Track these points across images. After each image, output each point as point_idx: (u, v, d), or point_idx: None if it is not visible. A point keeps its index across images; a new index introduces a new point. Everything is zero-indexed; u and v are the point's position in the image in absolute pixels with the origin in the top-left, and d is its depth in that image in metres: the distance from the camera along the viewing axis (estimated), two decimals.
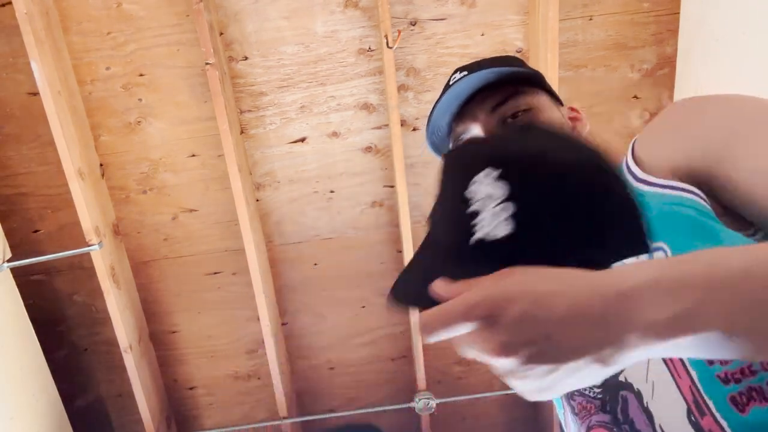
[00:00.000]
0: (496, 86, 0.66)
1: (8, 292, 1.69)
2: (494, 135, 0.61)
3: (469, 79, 0.64)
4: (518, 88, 0.67)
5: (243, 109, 1.80)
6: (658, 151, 0.55)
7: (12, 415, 1.61)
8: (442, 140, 0.73)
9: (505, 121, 0.66)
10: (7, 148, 1.80)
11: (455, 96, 0.66)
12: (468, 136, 0.68)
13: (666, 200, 0.52)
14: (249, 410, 2.16)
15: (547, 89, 0.71)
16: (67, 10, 1.67)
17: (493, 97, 0.66)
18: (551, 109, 0.69)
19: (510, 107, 0.66)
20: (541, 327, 0.35)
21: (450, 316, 0.38)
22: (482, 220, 0.41)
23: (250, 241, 1.77)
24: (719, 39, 1.45)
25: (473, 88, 0.66)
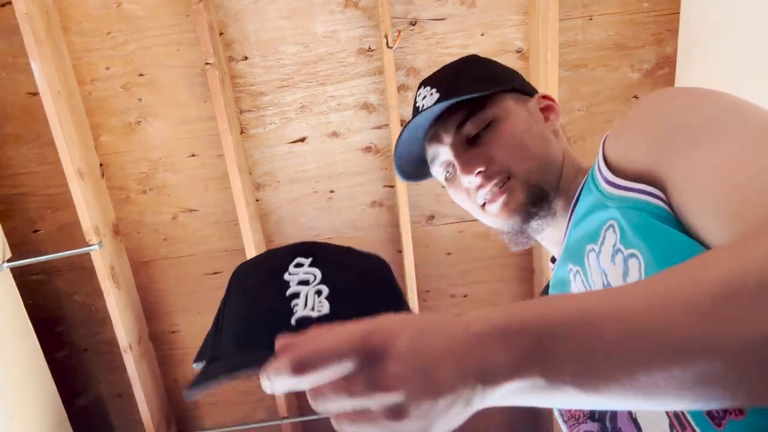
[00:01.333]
0: (459, 102, 0.67)
1: (8, 292, 1.69)
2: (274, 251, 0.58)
3: (429, 113, 0.66)
4: (480, 102, 0.67)
5: (243, 108, 1.80)
6: (623, 150, 0.54)
7: (12, 415, 1.61)
8: (417, 165, 0.76)
9: (471, 140, 0.67)
10: (7, 148, 1.80)
11: (417, 127, 0.69)
12: (441, 160, 0.70)
13: (628, 204, 0.51)
14: (249, 410, 2.16)
15: (514, 86, 0.71)
16: (67, 10, 1.67)
17: (456, 115, 0.67)
18: (515, 114, 0.68)
19: (472, 125, 0.67)
20: (429, 357, 0.34)
21: (328, 351, 0.34)
22: (302, 300, 0.47)
23: (250, 241, 1.77)
24: (719, 39, 1.45)
25: (434, 117, 0.68)
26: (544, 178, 0.65)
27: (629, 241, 0.50)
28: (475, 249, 1.95)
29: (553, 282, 0.71)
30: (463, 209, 0.74)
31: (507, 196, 0.64)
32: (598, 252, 0.55)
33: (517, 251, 1.98)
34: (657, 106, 0.53)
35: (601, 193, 0.56)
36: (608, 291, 0.38)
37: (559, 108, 0.73)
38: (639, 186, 0.51)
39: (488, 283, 2.01)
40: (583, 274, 0.58)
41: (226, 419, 2.16)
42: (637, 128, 0.53)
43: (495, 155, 0.65)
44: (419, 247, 1.89)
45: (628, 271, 0.50)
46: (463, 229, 1.94)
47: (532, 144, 0.66)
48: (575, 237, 0.61)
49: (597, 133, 1.85)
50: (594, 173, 0.59)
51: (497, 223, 0.69)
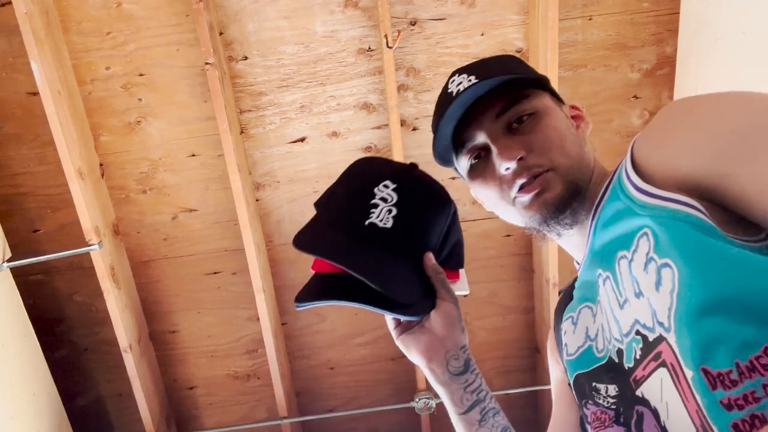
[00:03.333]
0: (498, 91, 0.66)
1: (8, 292, 1.69)
2: (389, 161, 0.72)
3: (474, 89, 0.63)
4: (522, 92, 0.66)
5: (243, 108, 1.80)
6: (658, 157, 0.53)
7: (12, 415, 1.61)
8: (446, 149, 0.72)
9: (510, 126, 0.65)
10: (7, 148, 1.80)
11: (459, 105, 0.65)
12: (471, 145, 0.68)
13: (664, 214, 0.50)
14: (249, 410, 2.16)
15: (549, 90, 0.70)
16: (67, 9, 1.67)
17: (498, 102, 0.65)
18: (555, 112, 0.67)
19: (515, 113, 0.65)
20: None
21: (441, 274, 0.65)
22: (378, 211, 0.63)
23: (249, 241, 1.77)
24: (719, 39, 1.45)
25: (476, 97, 0.66)
26: (580, 177, 0.64)
27: (664, 251, 0.49)
28: (475, 249, 1.95)
29: (578, 283, 0.70)
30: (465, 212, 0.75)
31: (544, 186, 0.62)
32: (630, 259, 0.54)
33: (517, 251, 1.98)
34: (696, 113, 0.52)
35: (631, 200, 0.55)
36: None
37: (588, 119, 0.73)
38: (677, 197, 0.50)
39: (488, 283, 2.01)
40: (614, 281, 0.57)
41: (226, 419, 2.16)
42: (675, 136, 0.52)
43: (537, 146, 0.63)
44: None
45: (661, 281, 0.49)
46: (463, 229, 1.92)
47: (571, 143, 0.65)
48: (602, 241, 0.61)
49: (597, 133, 1.85)
50: (621, 179, 0.58)
51: (525, 217, 0.66)
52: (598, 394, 0.61)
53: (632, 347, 0.54)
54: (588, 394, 0.63)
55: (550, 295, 1.85)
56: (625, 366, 0.56)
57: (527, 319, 2.08)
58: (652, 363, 0.51)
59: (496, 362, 2.13)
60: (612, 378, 0.59)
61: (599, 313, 0.62)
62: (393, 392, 2.15)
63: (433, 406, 2.01)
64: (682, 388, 0.47)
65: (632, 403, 0.55)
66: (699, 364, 0.45)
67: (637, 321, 0.53)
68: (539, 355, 2.08)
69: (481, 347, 2.10)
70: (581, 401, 0.65)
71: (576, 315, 0.68)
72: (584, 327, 0.66)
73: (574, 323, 0.68)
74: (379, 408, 2.09)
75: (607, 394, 0.59)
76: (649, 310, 0.51)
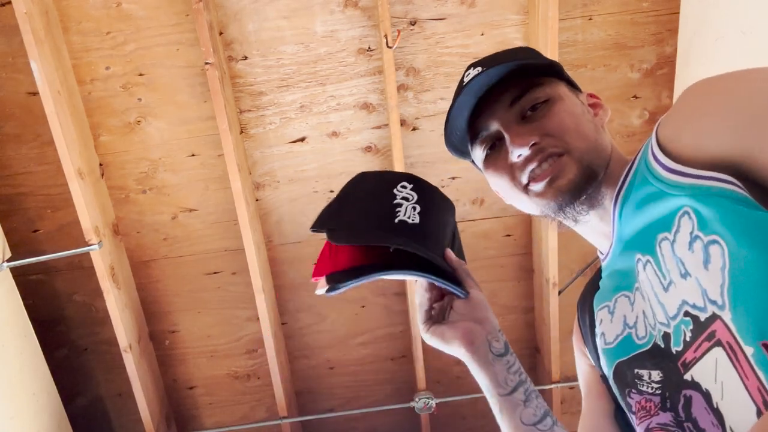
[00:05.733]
0: (512, 80, 0.65)
1: (8, 292, 1.69)
2: (394, 172, 0.77)
3: (484, 76, 0.63)
4: (535, 80, 0.65)
5: (242, 108, 1.80)
6: (687, 137, 0.53)
7: (12, 415, 1.61)
8: (461, 140, 0.72)
9: (524, 114, 0.65)
10: (7, 148, 1.80)
11: (471, 94, 0.65)
12: (486, 134, 0.67)
13: (703, 191, 0.50)
14: (249, 410, 2.16)
15: (565, 78, 0.69)
16: (67, 9, 1.67)
17: (511, 91, 0.65)
18: (570, 98, 0.66)
19: (528, 100, 0.64)
20: None
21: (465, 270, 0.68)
22: (403, 209, 0.68)
23: (249, 241, 1.77)
24: (719, 39, 1.45)
25: (488, 84, 0.65)
26: (596, 162, 0.63)
27: (709, 228, 0.48)
28: (475, 249, 1.95)
29: (607, 273, 0.69)
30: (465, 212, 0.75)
31: (558, 172, 0.61)
32: (673, 240, 0.53)
33: (517, 251, 1.98)
34: (720, 91, 0.52)
35: (662, 182, 0.54)
36: None
37: (606, 106, 0.72)
38: (711, 174, 0.49)
39: (488, 282, 2.01)
40: (655, 264, 0.56)
41: (226, 419, 2.16)
42: (702, 115, 0.52)
43: (551, 130, 0.62)
44: None
45: (710, 258, 0.48)
46: (463, 229, 1.94)
47: (587, 127, 0.64)
48: (634, 227, 0.60)
49: None
50: (648, 162, 0.57)
51: (537, 205, 0.65)
52: (641, 381, 0.59)
53: (681, 329, 0.53)
54: (630, 382, 0.61)
55: (550, 295, 1.85)
56: (673, 350, 0.55)
57: (527, 319, 2.08)
58: (705, 343, 0.50)
59: None
60: (655, 363, 0.58)
61: (638, 300, 0.61)
62: (393, 392, 2.15)
63: (433, 406, 2.01)
64: (741, 365, 0.46)
65: (680, 387, 0.54)
66: (759, 339, 0.44)
67: (686, 302, 0.52)
68: (539, 355, 2.08)
69: None
70: (623, 390, 0.63)
71: (612, 304, 0.67)
72: (622, 315, 0.64)
73: (610, 312, 0.67)
74: (379, 408, 2.09)
75: (651, 380, 0.58)
76: (699, 290, 0.49)
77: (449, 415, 2.17)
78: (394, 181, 0.70)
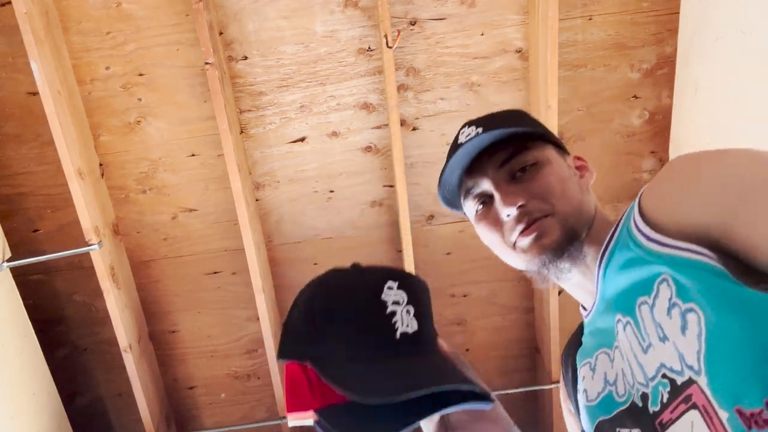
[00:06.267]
0: (503, 142, 0.70)
1: (8, 292, 1.69)
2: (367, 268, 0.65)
3: (477, 141, 0.68)
4: (525, 144, 0.70)
5: (242, 108, 1.80)
6: (667, 208, 0.56)
7: (12, 415, 1.61)
8: (453, 194, 0.76)
9: (514, 175, 0.69)
10: (7, 148, 1.80)
11: (466, 154, 0.70)
12: (477, 191, 0.72)
13: (679, 261, 0.52)
14: (249, 410, 2.16)
15: (553, 141, 0.74)
16: (67, 9, 1.67)
17: (501, 153, 0.70)
18: (557, 162, 0.71)
19: (517, 163, 0.69)
20: None
21: None
22: (399, 317, 0.58)
23: (249, 241, 1.77)
24: (719, 39, 1.45)
25: (481, 147, 0.70)
26: (579, 223, 0.67)
27: (687, 296, 0.51)
28: (474, 249, 1.95)
29: (589, 330, 0.71)
30: None
31: (542, 231, 0.66)
32: (652, 305, 0.56)
33: None
34: (702, 167, 0.55)
35: (642, 249, 0.57)
36: None
37: (592, 169, 0.76)
38: (688, 245, 0.52)
39: (488, 282, 2.01)
40: (635, 325, 0.58)
41: (226, 419, 2.16)
42: (683, 188, 0.55)
43: (537, 193, 0.67)
44: (419, 247, 1.89)
45: (687, 325, 0.51)
46: (462, 229, 1.94)
47: (571, 191, 0.69)
48: (616, 288, 0.63)
49: (597, 133, 1.85)
50: (629, 228, 0.60)
51: (525, 260, 0.70)
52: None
53: (658, 390, 0.55)
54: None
55: (550, 295, 1.85)
56: (650, 410, 0.56)
57: (527, 319, 2.08)
58: (682, 405, 0.52)
59: (496, 362, 2.13)
60: (634, 422, 0.59)
61: (617, 359, 0.63)
62: None
63: None
64: (716, 429, 0.48)
65: None
66: (733, 405, 0.46)
67: (663, 365, 0.54)
68: (539, 354, 2.08)
69: (481, 347, 2.10)
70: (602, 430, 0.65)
71: (593, 360, 0.69)
72: (602, 372, 0.67)
73: (592, 369, 0.69)
74: None
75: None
76: (676, 354, 0.52)
77: None
78: (378, 282, 0.60)
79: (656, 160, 1.88)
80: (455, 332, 2.08)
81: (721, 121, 1.49)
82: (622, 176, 1.90)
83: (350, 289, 0.61)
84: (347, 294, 0.61)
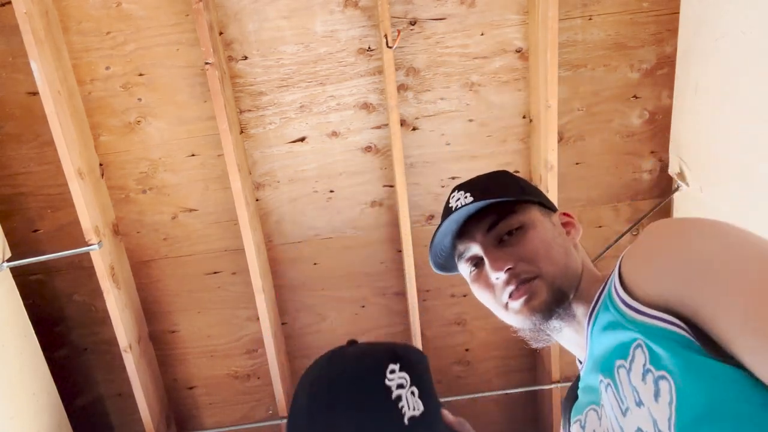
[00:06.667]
0: (490, 208, 0.74)
1: (8, 292, 1.69)
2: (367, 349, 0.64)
3: (466, 209, 0.73)
4: (511, 208, 0.74)
5: (242, 108, 1.80)
6: (641, 279, 0.58)
7: (12, 415, 1.61)
8: (446, 259, 0.82)
9: (501, 239, 0.73)
10: (7, 148, 1.80)
11: (454, 221, 0.75)
12: (469, 255, 0.76)
13: (651, 330, 0.54)
14: (249, 410, 2.16)
15: (539, 202, 0.78)
16: (67, 9, 1.67)
17: (488, 218, 0.74)
18: (542, 223, 0.74)
19: (503, 227, 0.73)
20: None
21: None
22: (405, 402, 0.57)
23: (249, 241, 1.77)
24: (719, 39, 1.45)
25: (469, 214, 0.75)
26: (566, 283, 0.70)
27: (660, 364, 0.53)
28: None
29: (582, 385, 0.74)
30: None
31: (531, 294, 0.69)
32: (629, 369, 0.58)
33: None
34: (678, 239, 0.57)
35: (620, 314, 0.59)
36: None
37: (578, 225, 0.80)
38: (662, 315, 0.54)
39: None
40: (615, 388, 0.61)
41: (226, 419, 2.16)
42: (657, 260, 0.57)
43: (524, 256, 0.70)
44: (419, 247, 1.89)
45: (659, 392, 0.53)
46: None
47: (557, 252, 0.72)
48: (600, 349, 0.65)
49: (597, 133, 1.85)
50: (611, 292, 0.63)
51: (518, 321, 0.73)
52: None
53: None
54: None
55: None
56: None
57: None
58: None
59: (496, 362, 2.13)
60: None
61: (604, 417, 0.65)
62: None
63: None
64: None
65: None
66: None
67: (640, 429, 0.56)
68: (539, 354, 2.08)
69: (481, 347, 2.10)
70: None
71: (583, 418, 0.71)
72: (592, 430, 0.69)
73: (582, 427, 0.71)
74: None
75: None
76: (650, 419, 0.54)
77: None
78: (379, 367, 0.58)
79: (656, 160, 1.88)
80: (455, 332, 2.08)
81: (720, 121, 1.49)
82: (622, 176, 1.90)
83: (353, 378, 0.59)
84: (350, 383, 0.59)
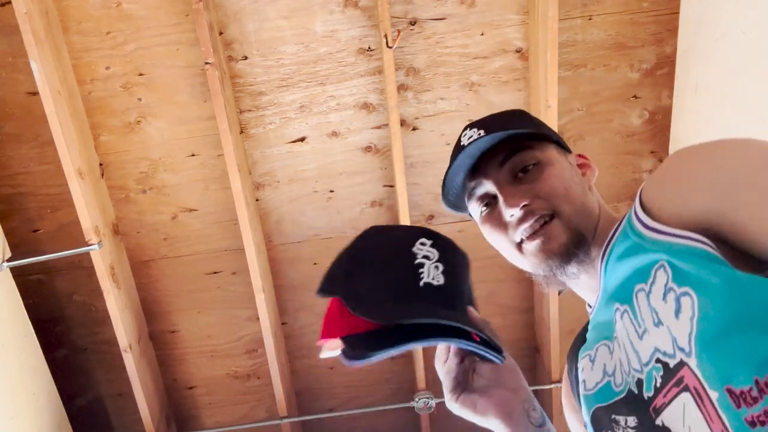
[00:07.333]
0: (506, 142, 0.70)
1: (8, 292, 1.69)
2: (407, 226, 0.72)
3: (480, 143, 0.68)
4: (525, 144, 0.70)
5: (242, 108, 1.80)
6: (666, 199, 0.57)
7: (12, 415, 1.61)
8: (457, 197, 0.78)
9: (515, 175, 0.69)
10: (7, 148, 1.80)
11: (467, 156, 0.70)
12: (480, 193, 0.72)
13: (677, 248, 0.53)
14: (249, 410, 2.16)
15: (554, 141, 0.74)
16: (67, 9, 1.67)
17: (502, 153, 0.70)
18: (559, 161, 0.71)
19: (518, 162, 0.69)
20: None
21: None
22: (426, 270, 0.62)
23: (249, 241, 1.77)
24: (719, 39, 1.45)
25: (483, 149, 0.70)
26: (584, 224, 0.67)
27: (683, 280, 0.52)
28: (474, 249, 1.93)
29: (592, 325, 0.72)
30: None
31: (548, 236, 0.66)
32: (648, 291, 0.56)
33: None
34: (700, 158, 0.56)
35: (641, 238, 0.58)
36: None
37: (594, 166, 0.77)
38: (686, 233, 0.53)
39: (488, 282, 2.01)
40: (632, 313, 0.59)
41: (226, 419, 2.16)
42: (681, 179, 0.57)
43: (540, 193, 0.67)
44: None
45: (681, 309, 0.52)
46: (462, 229, 1.94)
47: (575, 191, 0.68)
48: (615, 279, 0.63)
49: (597, 132, 1.85)
50: (631, 221, 0.61)
51: (532, 264, 0.70)
52: (617, 426, 0.61)
53: (652, 375, 0.56)
54: (607, 426, 0.63)
55: (550, 296, 1.85)
56: (645, 395, 0.57)
57: (527, 319, 2.08)
58: (674, 389, 0.52)
59: None
60: (631, 410, 0.59)
61: (616, 349, 0.64)
62: (393, 392, 2.15)
63: (432, 405, 2.01)
64: (707, 410, 0.48)
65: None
66: (723, 385, 0.47)
67: (657, 349, 0.55)
68: (539, 355, 2.08)
69: None
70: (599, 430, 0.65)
71: (593, 353, 0.70)
72: (602, 363, 0.67)
73: (591, 360, 0.70)
74: (379, 408, 2.09)
75: (627, 425, 0.60)
76: (669, 338, 0.53)
77: (449, 415, 2.16)
78: (412, 237, 0.66)
79: (656, 160, 1.88)
80: None
81: (721, 121, 1.49)
82: (622, 176, 1.90)
83: (386, 240, 0.67)
84: (382, 244, 0.67)
